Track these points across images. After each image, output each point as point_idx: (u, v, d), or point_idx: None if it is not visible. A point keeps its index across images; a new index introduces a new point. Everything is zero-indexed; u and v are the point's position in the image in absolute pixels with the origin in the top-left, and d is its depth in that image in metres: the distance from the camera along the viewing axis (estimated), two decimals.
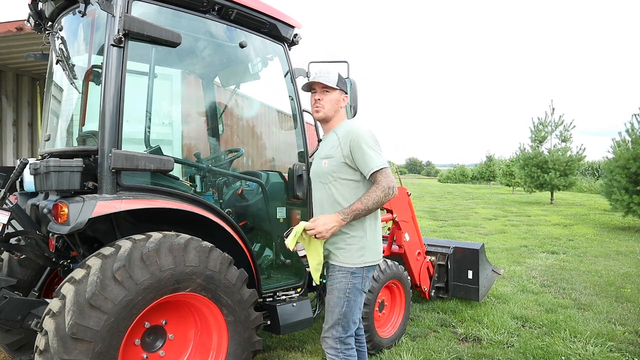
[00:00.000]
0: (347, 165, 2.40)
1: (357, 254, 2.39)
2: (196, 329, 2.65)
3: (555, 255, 7.90)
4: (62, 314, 2.06)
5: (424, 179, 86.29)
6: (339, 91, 2.52)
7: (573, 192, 26.30)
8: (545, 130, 19.02)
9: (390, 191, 2.31)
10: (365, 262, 2.40)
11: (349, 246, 2.40)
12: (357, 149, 2.35)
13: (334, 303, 2.42)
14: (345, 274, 2.40)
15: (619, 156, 11.57)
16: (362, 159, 2.34)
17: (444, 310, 4.77)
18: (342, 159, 2.40)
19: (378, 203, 2.31)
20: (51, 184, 2.34)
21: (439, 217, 13.95)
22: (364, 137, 2.36)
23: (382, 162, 2.33)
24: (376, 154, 2.34)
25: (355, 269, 2.39)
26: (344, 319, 2.39)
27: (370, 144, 2.35)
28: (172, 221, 2.68)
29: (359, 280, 2.40)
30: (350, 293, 2.39)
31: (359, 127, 2.43)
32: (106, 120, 2.41)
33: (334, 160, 2.43)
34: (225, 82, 3.89)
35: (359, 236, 2.40)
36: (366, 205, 2.30)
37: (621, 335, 4.13)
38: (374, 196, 2.30)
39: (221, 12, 2.89)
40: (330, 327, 2.41)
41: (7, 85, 8.04)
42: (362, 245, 2.40)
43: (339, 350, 2.40)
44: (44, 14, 2.90)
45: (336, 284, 2.42)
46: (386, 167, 2.33)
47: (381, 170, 2.32)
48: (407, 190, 4.39)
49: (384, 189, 2.30)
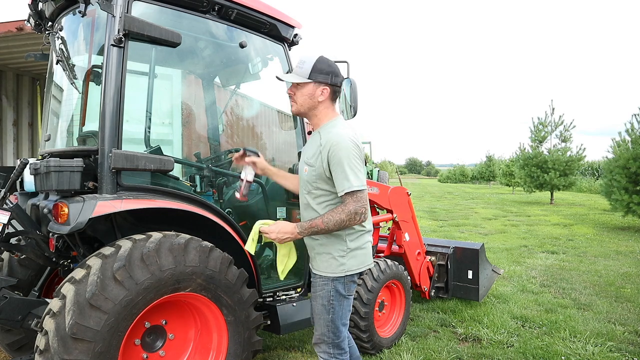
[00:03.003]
0: (325, 177, 2.20)
1: (337, 262, 2.23)
2: (196, 329, 2.65)
3: (555, 255, 7.90)
4: (62, 313, 2.06)
5: (424, 179, 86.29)
6: (313, 84, 2.21)
7: (573, 192, 26.30)
8: (545, 130, 19.01)
9: (356, 217, 2.10)
10: (346, 270, 2.23)
11: (328, 255, 2.26)
12: (334, 163, 2.13)
13: (320, 311, 2.30)
14: (326, 282, 2.27)
15: (619, 156, 11.57)
16: (337, 176, 2.13)
17: (444, 310, 4.77)
18: (321, 170, 2.19)
19: (339, 225, 2.12)
20: (51, 184, 2.35)
21: (439, 217, 13.95)
22: (343, 151, 2.12)
23: (356, 184, 2.10)
24: (353, 173, 2.11)
25: (336, 277, 2.25)
26: (332, 325, 2.27)
27: (350, 159, 2.12)
28: (172, 221, 2.68)
29: (341, 287, 2.25)
30: (333, 300, 2.25)
31: (341, 137, 2.15)
32: (106, 120, 2.42)
33: (313, 170, 2.23)
34: (226, 82, 3.89)
35: (337, 245, 2.24)
36: (326, 225, 2.12)
37: (621, 335, 4.13)
38: (337, 218, 2.11)
39: (221, 12, 2.89)
40: (321, 334, 2.31)
41: (8, 85, 8.04)
42: (341, 254, 2.23)
43: (332, 355, 2.30)
44: (44, 14, 2.90)
45: (319, 291, 2.30)
46: (359, 189, 2.11)
47: (352, 193, 2.11)
48: (407, 190, 4.39)
49: (349, 213, 2.10)
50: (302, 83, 2.23)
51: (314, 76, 2.20)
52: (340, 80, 2.29)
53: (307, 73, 2.20)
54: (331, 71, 2.24)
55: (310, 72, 2.20)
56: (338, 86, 2.28)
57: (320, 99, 2.24)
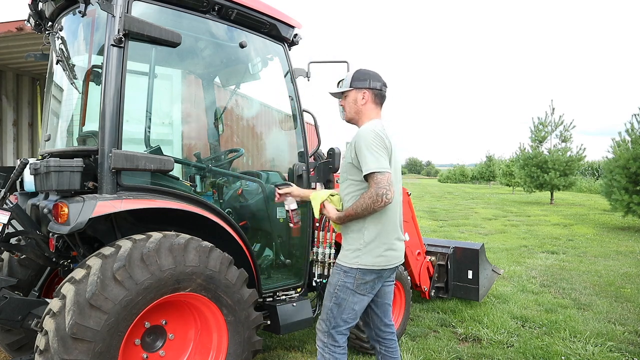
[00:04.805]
0: (354, 166, 2.38)
1: (353, 254, 2.37)
2: (196, 328, 2.65)
3: (555, 255, 7.90)
4: (62, 313, 2.06)
5: (424, 179, 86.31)
6: (354, 90, 2.49)
7: (573, 192, 26.31)
8: (545, 130, 19.02)
9: (378, 198, 2.20)
10: (360, 264, 2.35)
11: (347, 245, 2.42)
12: (358, 150, 2.32)
13: (326, 296, 2.47)
14: (338, 271, 2.42)
15: (619, 156, 11.58)
16: (361, 161, 2.30)
17: (444, 310, 4.77)
18: (350, 160, 2.40)
19: (366, 210, 2.25)
20: (51, 184, 2.34)
21: (439, 217, 13.95)
22: (363, 137, 2.31)
23: (375, 166, 2.23)
24: (372, 156, 2.24)
25: (349, 268, 2.37)
26: (330, 314, 2.41)
27: (368, 144, 2.27)
28: (172, 221, 2.68)
29: (351, 280, 2.36)
30: (339, 290, 2.39)
31: (365, 127, 2.38)
32: (106, 120, 2.41)
33: (345, 161, 2.48)
34: (225, 82, 3.89)
35: (356, 237, 2.38)
36: (355, 211, 2.29)
37: (621, 335, 4.13)
38: (362, 202, 2.26)
39: (221, 12, 2.89)
40: (321, 319, 2.46)
41: (7, 85, 8.03)
42: (357, 246, 2.37)
43: (325, 343, 2.42)
44: (44, 14, 2.90)
45: (331, 278, 2.47)
46: (378, 171, 2.22)
47: (372, 175, 2.23)
48: (407, 190, 4.39)
49: (371, 195, 2.22)
50: (347, 92, 2.51)
51: (354, 84, 2.49)
52: (380, 84, 2.51)
53: (348, 84, 2.51)
54: (368, 77, 2.50)
55: (350, 82, 2.50)
56: (378, 89, 2.50)
57: (362, 103, 2.49)
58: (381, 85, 2.51)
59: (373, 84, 2.49)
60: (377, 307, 2.56)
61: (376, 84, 2.49)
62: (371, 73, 2.51)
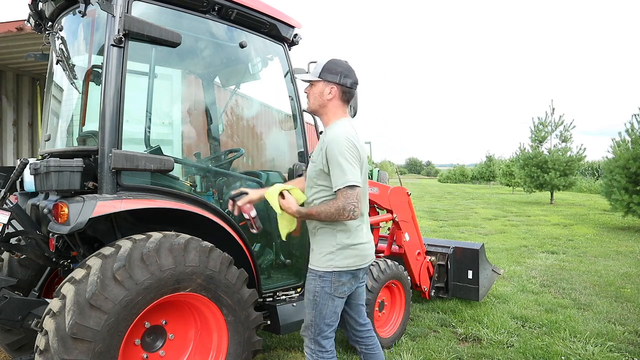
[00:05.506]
0: (324, 172, 2.27)
1: (325, 257, 2.27)
2: (196, 328, 2.65)
3: (555, 255, 7.90)
4: (62, 313, 2.06)
5: (424, 179, 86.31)
6: (322, 82, 2.31)
7: (573, 192, 26.31)
8: (545, 130, 19.02)
9: (345, 213, 2.13)
10: (335, 266, 2.26)
11: (319, 248, 2.32)
12: (331, 159, 2.20)
13: (306, 304, 2.36)
14: (314, 276, 2.31)
15: (619, 156, 11.57)
16: (332, 172, 2.20)
17: (444, 310, 4.77)
18: (321, 166, 2.27)
19: (329, 218, 2.18)
20: (51, 184, 2.35)
21: (439, 217, 13.95)
22: (337, 145, 2.18)
23: (346, 180, 2.13)
24: (343, 170, 2.15)
25: (324, 272, 2.27)
26: (313, 321, 2.32)
27: (343, 156, 2.16)
28: (172, 221, 2.68)
29: (327, 284, 2.27)
30: (318, 296, 2.28)
31: (339, 134, 2.23)
32: (106, 120, 2.42)
33: (315, 166, 2.33)
34: (225, 82, 3.89)
35: (328, 240, 2.29)
36: (318, 214, 2.20)
37: (621, 335, 4.13)
38: (327, 210, 2.17)
39: (221, 12, 2.89)
40: (305, 326, 2.38)
41: (7, 85, 8.04)
42: (330, 249, 2.27)
43: (313, 350, 2.35)
44: (44, 14, 2.90)
45: (307, 285, 2.35)
46: (349, 184, 2.13)
47: (342, 190, 2.14)
48: (407, 191, 4.39)
49: (337, 208, 2.14)
50: (314, 82, 2.34)
51: (323, 75, 2.31)
52: (350, 81, 2.34)
53: (317, 73, 2.33)
54: (340, 72, 2.31)
55: (320, 72, 2.32)
56: (348, 87, 2.34)
57: (328, 97, 2.33)
58: (352, 83, 2.34)
59: (344, 80, 2.31)
60: (350, 308, 2.49)
61: (347, 81, 2.31)
62: (344, 67, 2.33)
